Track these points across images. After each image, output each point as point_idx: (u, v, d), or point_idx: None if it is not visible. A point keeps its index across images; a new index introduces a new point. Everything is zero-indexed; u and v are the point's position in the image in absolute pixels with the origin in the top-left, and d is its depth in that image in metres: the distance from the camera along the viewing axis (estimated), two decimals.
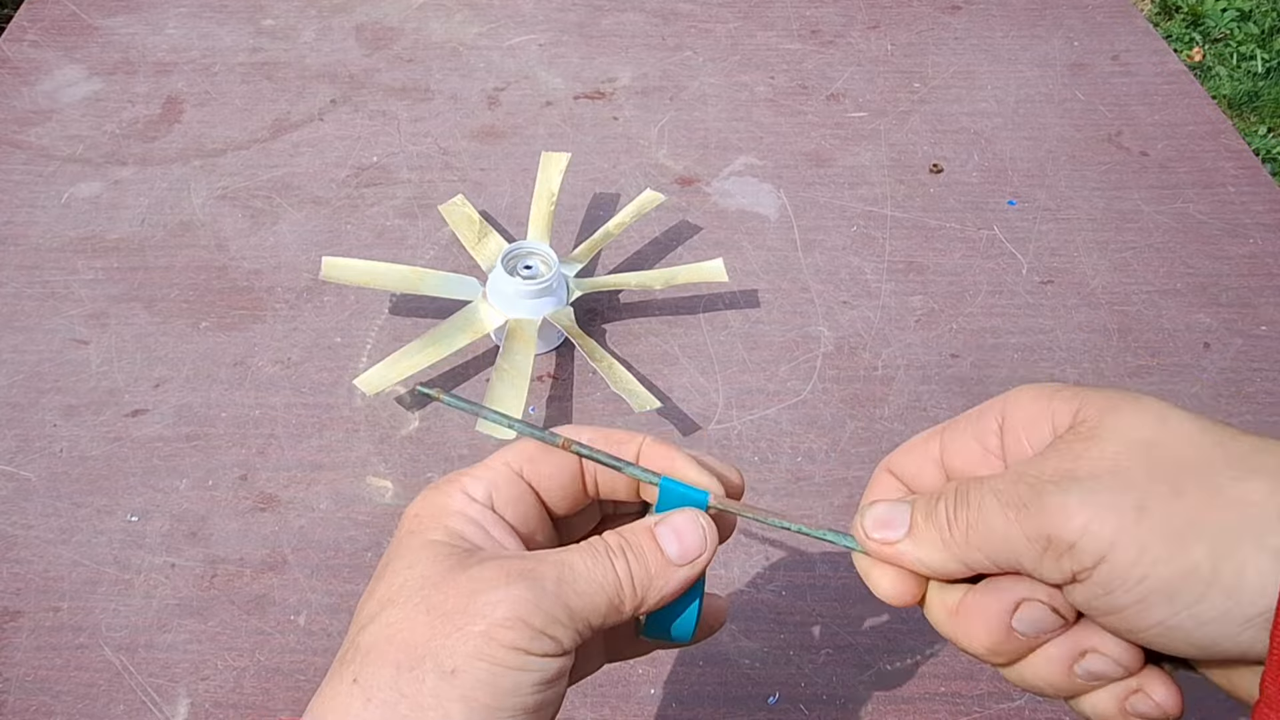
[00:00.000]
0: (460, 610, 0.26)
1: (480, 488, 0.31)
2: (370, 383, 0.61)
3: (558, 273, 0.65)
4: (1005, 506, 0.27)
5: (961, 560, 0.29)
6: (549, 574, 0.28)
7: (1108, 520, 0.25)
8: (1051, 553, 0.26)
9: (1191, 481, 0.25)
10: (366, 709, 0.26)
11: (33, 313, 0.69)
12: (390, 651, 0.26)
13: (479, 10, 0.97)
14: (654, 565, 0.30)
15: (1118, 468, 0.26)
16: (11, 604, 0.55)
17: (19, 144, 0.82)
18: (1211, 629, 0.25)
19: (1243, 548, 0.24)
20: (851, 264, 0.74)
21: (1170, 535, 0.25)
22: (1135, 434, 0.26)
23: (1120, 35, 0.96)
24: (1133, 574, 0.25)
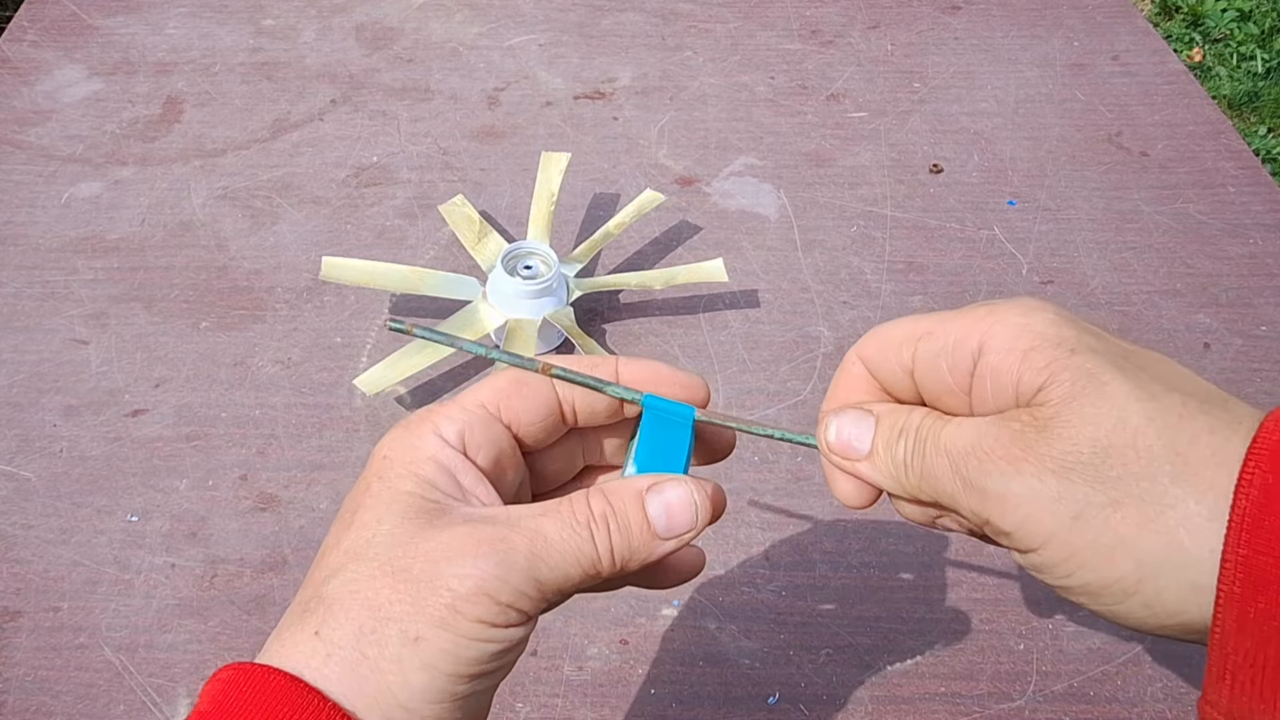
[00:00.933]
0: (427, 578, 0.26)
1: (453, 429, 0.30)
2: (370, 383, 0.61)
3: (558, 273, 0.65)
4: (955, 475, 0.29)
5: (914, 497, 0.31)
6: (520, 546, 0.27)
7: (1044, 521, 0.27)
8: (990, 529, 0.29)
9: (1132, 497, 0.26)
10: (327, 664, 0.26)
11: (33, 313, 0.69)
12: (354, 609, 0.26)
13: (479, 10, 0.97)
14: (639, 538, 0.29)
15: (1063, 469, 0.27)
16: (11, 604, 0.55)
17: (19, 144, 0.82)
18: (1133, 623, 0.27)
19: (1165, 574, 0.26)
20: (851, 264, 0.74)
21: (1100, 548, 0.26)
22: (1089, 434, 0.27)
23: (1120, 35, 0.96)
24: (1059, 570, 0.27)
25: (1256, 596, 0.24)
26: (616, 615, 0.55)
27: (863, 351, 0.33)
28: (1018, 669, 0.53)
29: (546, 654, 0.53)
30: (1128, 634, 0.54)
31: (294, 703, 0.25)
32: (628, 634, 0.54)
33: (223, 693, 0.26)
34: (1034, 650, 0.54)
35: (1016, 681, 0.52)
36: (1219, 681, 0.25)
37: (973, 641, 0.54)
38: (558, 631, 0.54)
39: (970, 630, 0.54)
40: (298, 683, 0.26)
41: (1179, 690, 0.52)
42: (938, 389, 0.31)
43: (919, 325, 0.31)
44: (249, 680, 0.26)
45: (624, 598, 0.55)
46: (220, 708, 0.26)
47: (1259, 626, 0.24)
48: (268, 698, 0.25)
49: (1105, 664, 0.53)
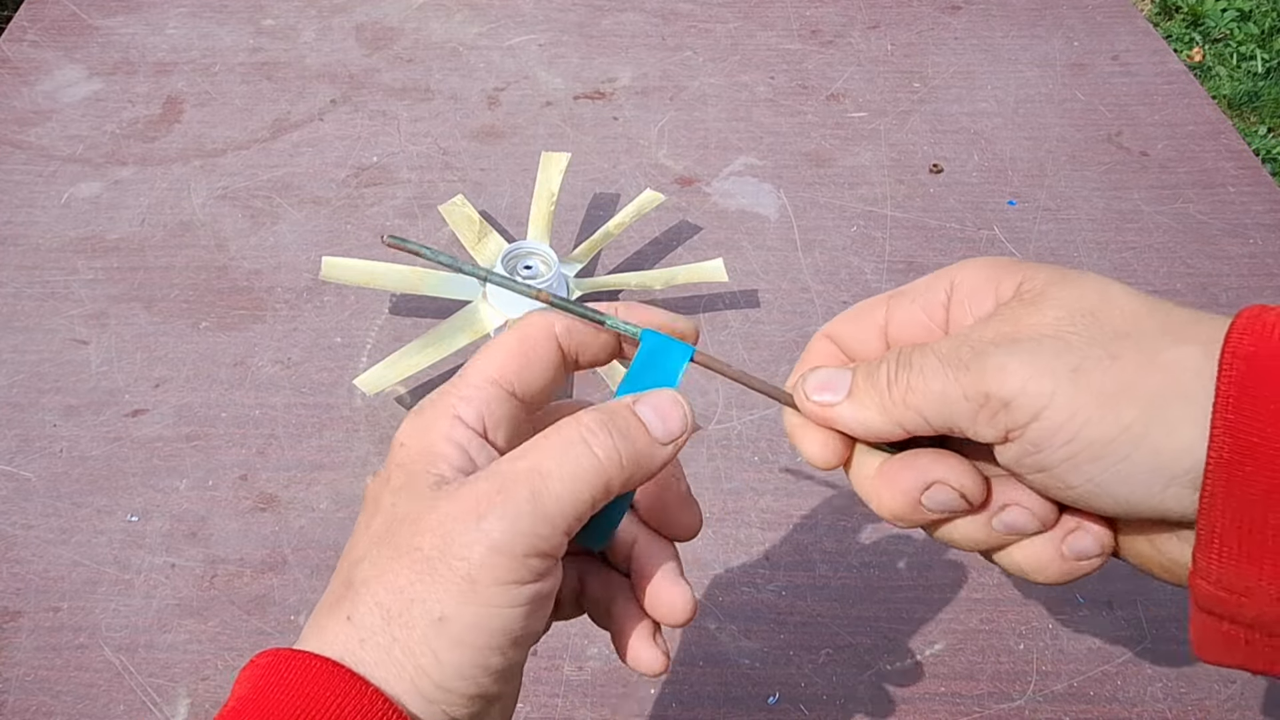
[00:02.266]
0: (440, 554, 0.26)
1: (470, 410, 0.29)
2: (370, 383, 0.61)
3: (558, 273, 0.65)
4: (946, 366, 0.28)
5: (898, 421, 0.29)
6: (519, 491, 0.26)
7: (1044, 380, 0.26)
8: (987, 410, 0.27)
9: (1128, 347, 0.26)
10: (363, 649, 0.26)
11: (33, 313, 0.69)
12: (380, 594, 0.26)
13: (479, 10, 0.97)
14: (640, 440, 0.28)
15: (1058, 333, 0.27)
16: (11, 604, 0.55)
17: (19, 144, 0.82)
18: (1137, 486, 0.26)
19: (1172, 410, 0.25)
20: (851, 264, 0.74)
21: (1104, 397, 0.26)
22: (1077, 303, 0.28)
23: (1120, 35, 0.96)
24: (1064, 432, 0.26)
25: (1243, 462, 0.24)
26: None
27: (829, 329, 0.33)
28: (1018, 669, 0.53)
29: (546, 654, 0.53)
30: (1127, 634, 0.54)
31: (335, 687, 0.25)
32: None
33: (262, 678, 0.26)
34: (1034, 650, 0.54)
35: (1016, 681, 0.52)
36: (1207, 549, 0.25)
37: (973, 641, 0.54)
38: (558, 631, 0.54)
39: (970, 630, 0.54)
40: (338, 667, 0.25)
41: (1179, 690, 0.52)
42: (913, 333, 0.31)
43: (884, 294, 0.32)
44: (289, 666, 0.26)
45: None
46: (261, 694, 0.26)
47: (1245, 490, 0.25)
48: (309, 683, 0.25)
49: (1105, 664, 0.53)
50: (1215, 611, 0.26)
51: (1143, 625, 0.55)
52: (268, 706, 0.25)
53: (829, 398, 0.31)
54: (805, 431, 0.32)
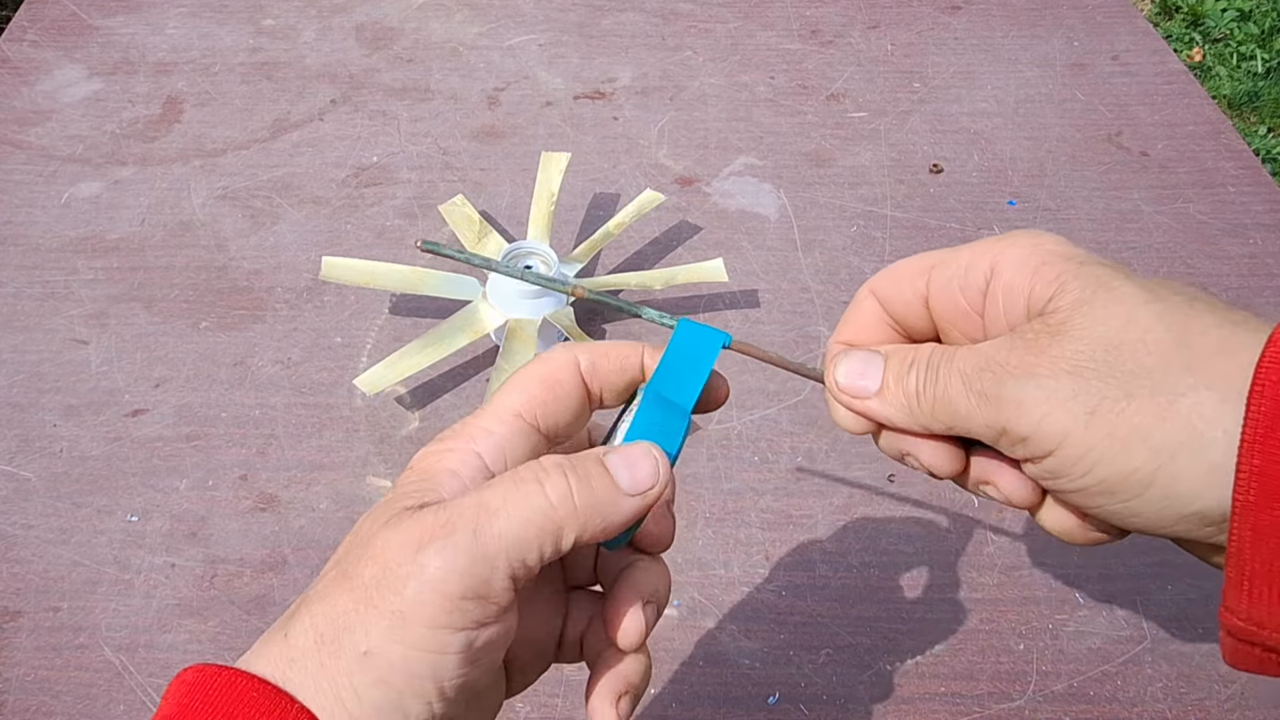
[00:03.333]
0: (376, 584, 0.25)
1: (491, 443, 0.28)
2: (370, 383, 0.61)
3: (558, 273, 0.65)
4: (969, 392, 0.29)
5: (924, 426, 0.31)
6: (463, 524, 0.25)
7: (1059, 419, 0.27)
8: (1006, 439, 0.29)
9: (1145, 390, 0.27)
10: (291, 669, 0.25)
11: (33, 313, 0.69)
12: (318, 617, 0.25)
13: (479, 10, 0.97)
14: (601, 490, 0.27)
15: (1077, 369, 0.27)
16: (11, 604, 0.55)
17: (19, 144, 0.82)
18: (1149, 520, 0.27)
19: (1181, 459, 0.26)
20: (851, 264, 0.74)
21: (1116, 439, 0.27)
22: (1101, 334, 0.28)
23: (1120, 35, 0.96)
24: (1077, 469, 0.27)
25: (1271, 505, 0.25)
26: None
27: (875, 285, 0.34)
28: (1018, 669, 0.53)
29: None
30: (1127, 634, 0.54)
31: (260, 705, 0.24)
32: None
33: (188, 694, 0.25)
34: (1034, 650, 0.54)
35: (1016, 681, 0.52)
36: (1238, 590, 0.26)
37: (973, 641, 0.54)
38: None
39: (970, 630, 0.54)
40: (264, 684, 0.25)
41: (1179, 690, 0.52)
42: (951, 313, 0.32)
43: (931, 257, 0.32)
44: (214, 682, 0.25)
45: None
46: (185, 710, 0.25)
47: (1273, 532, 0.25)
48: (232, 700, 0.24)
49: (1105, 664, 0.53)
50: (1247, 640, 0.27)
51: (1143, 625, 0.55)
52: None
53: (861, 386, 0.32)
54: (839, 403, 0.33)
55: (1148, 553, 0.58)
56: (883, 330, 0.34)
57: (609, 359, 0.31)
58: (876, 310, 0.34)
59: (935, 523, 0.59)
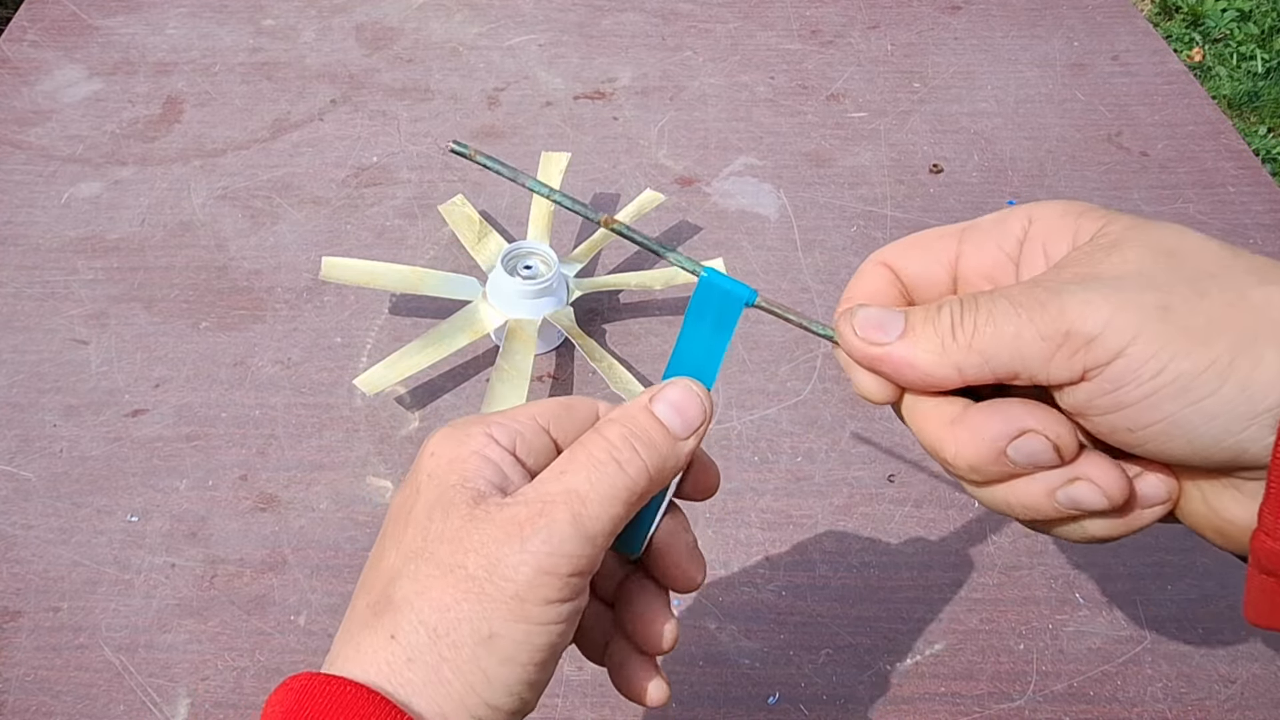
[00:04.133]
0: (487, 574, 0.26)
1: (505, 434, 0.30)
2: (370, 383, 0.61)
3: (558, 273, 0.65)
4: (1019, 308, 0.27)
5: (957, 365, 0.28)
6: (560, 515, 0.27)
7: (1130, 315, 0.26)
8: (1067, 348, 0.26)
9: (1215, 285, 0.26)
10: (410, 668, 0.26)
11: (33, 313, 0.69)
12: (425, 613, 0.26)
13: (479, 10, 0.97)
14: (663, 445, 0.29)
15: (1142, 270, 0.27)
16: (11, 604, 0.55)
17: (19, 144, 0.82)
18: (1217, 424, 0.25)
19: (1261, 344, 0.25)
20: (851, 264, 0.74)
21: (1193, 331, 0.25)
22: (1159, 244, 0.27)
23: (1120, 35, 0.96)
24: (1149, 368, 0.25)
25: None
26: None
27: (887, 255, 0.32)
28: (1018, 669, 0.53)
29: None
30: (1127, 634, 0.54)
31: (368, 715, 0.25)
32: None
33: (296, 704, 0.25)
34: (1034, 650, 0.54)
35: (1016, 681, 0.52)
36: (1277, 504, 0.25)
37: (973, 641, 0.54)
38: None
39: (970, 630, 0.54)
40: (375, 696, 0.25)
41: (1179, 690, 0.52)
42: (986, 267, 0.30)
43: (955, 227, 0.31)
44: (324, 692, 0.25)
45: None
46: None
47: None
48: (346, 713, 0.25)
49: (1105, 664, 0.53)
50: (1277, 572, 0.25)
51: (1143, 625, 0.55)
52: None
53: (878, 335, 0.29)
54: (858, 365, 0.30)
55: (1148, 553, 0.58)
56: (894, 298, 0.32)
57: None
58: (889, 280, 0.32)
59: (935, 523, 0.59)
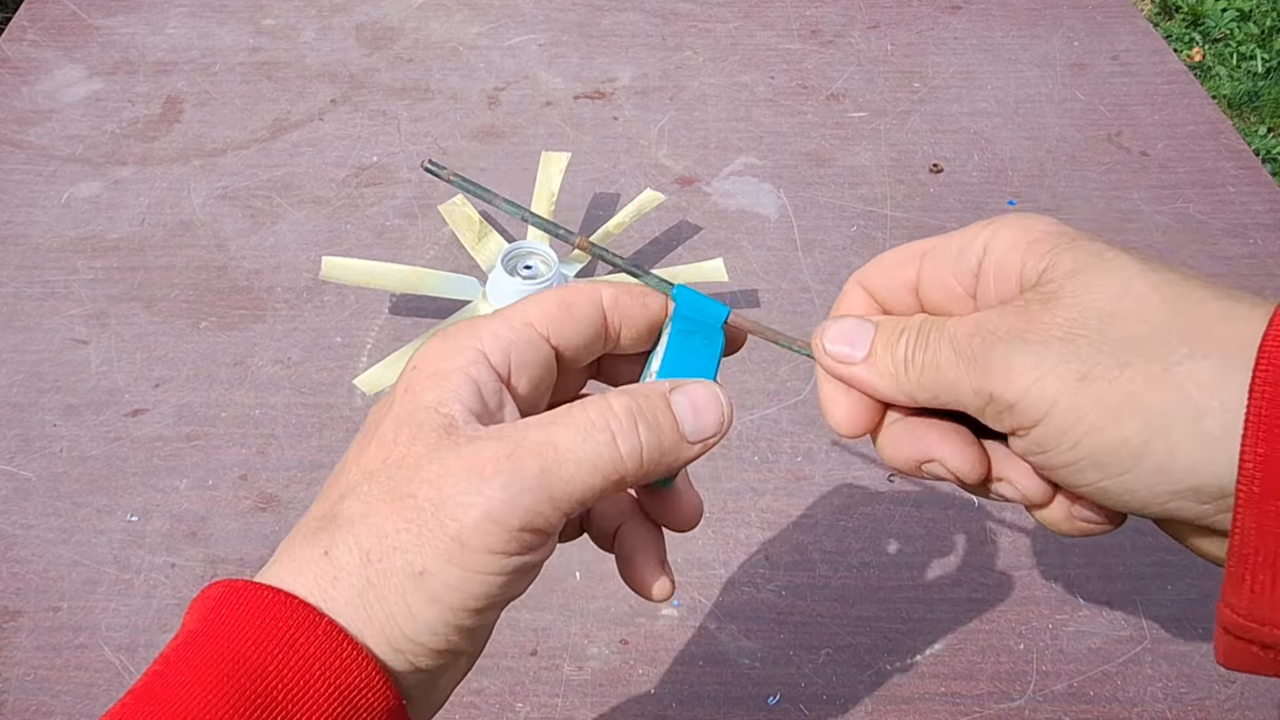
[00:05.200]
0: (434, 506, 0.25)
1: (498, 345, 0.28)
2: (370, 383, 0.61)
3: (558, 273, 0.65)
4: (958, 357, 0.28)
5: (910, 395, 0.29)
6: (529, 464, 0.25)
7: (1049, 385, 0.26)
8: (993, 408, 0.27)
9: (1140, 357, 0.25)
10: (335, 587, 0.25)
11: (33, 313, 0.69)
12: (363, 534, 0.25)
13: (479, 10, 0.97)
14: (668, 439, 0.27)
15: (1069, 335, 0.26)
16: (11, 604, 0.55)
17: (19, 144, 0.82)
18: (1141, 496, 0.26)
19: (1176, 429, 0.25)
20: (851, 264, 0.74)
21: (1107, 408, 0.25)
22: (1094, 303, 0.27)
23: (1120, 35, 0.96)
24: (1067, 438, 0.26)
25: (1277, 496, 0.24)
26: (616, 615, 0.55)
27: (862, 276, 0.33)
28: (1018, 669, 0.53)
29: (546, 654, 0.53)
30: (1127, 634, 0.54)
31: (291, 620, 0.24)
32: (628, 634, 0.54)
33: (213, 610, 0.25)
34: (1034, 650, 0.54)
35: (1016, 681, 0.52)
36: (1239, 584, 0.25)
37: (973, 641, 0.54)
38: (558, 631, 0.54)
39: (970, 630, 0.54)
40: (292, 599, 0.24)
41: (1179, 690, 0.52)
42: (942, 299, 0.31)
43: (920, 245, 0.32)
44: (241, 597, 0.25)
45: (624, 598, 0.55)
46: (210, 627, 0.25)
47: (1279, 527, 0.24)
48: (261, 614, 0.24)
49: (1105, 664, 0.53)
50: (1244, 637, 0.26)
51: (1143, 625, 0.55)
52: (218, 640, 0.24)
53: (847, 352, 0.30)
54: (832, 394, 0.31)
55: (1148, 553, 0.58)
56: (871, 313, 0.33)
57: (631, 295, 0.31)
58: (865, 300, 0.33)
59: (935, 523, 0.59)
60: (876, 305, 0.33)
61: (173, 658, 0.25)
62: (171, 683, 0.24)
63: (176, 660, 0.24)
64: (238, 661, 0.24)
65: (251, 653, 0.24)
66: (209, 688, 0.23)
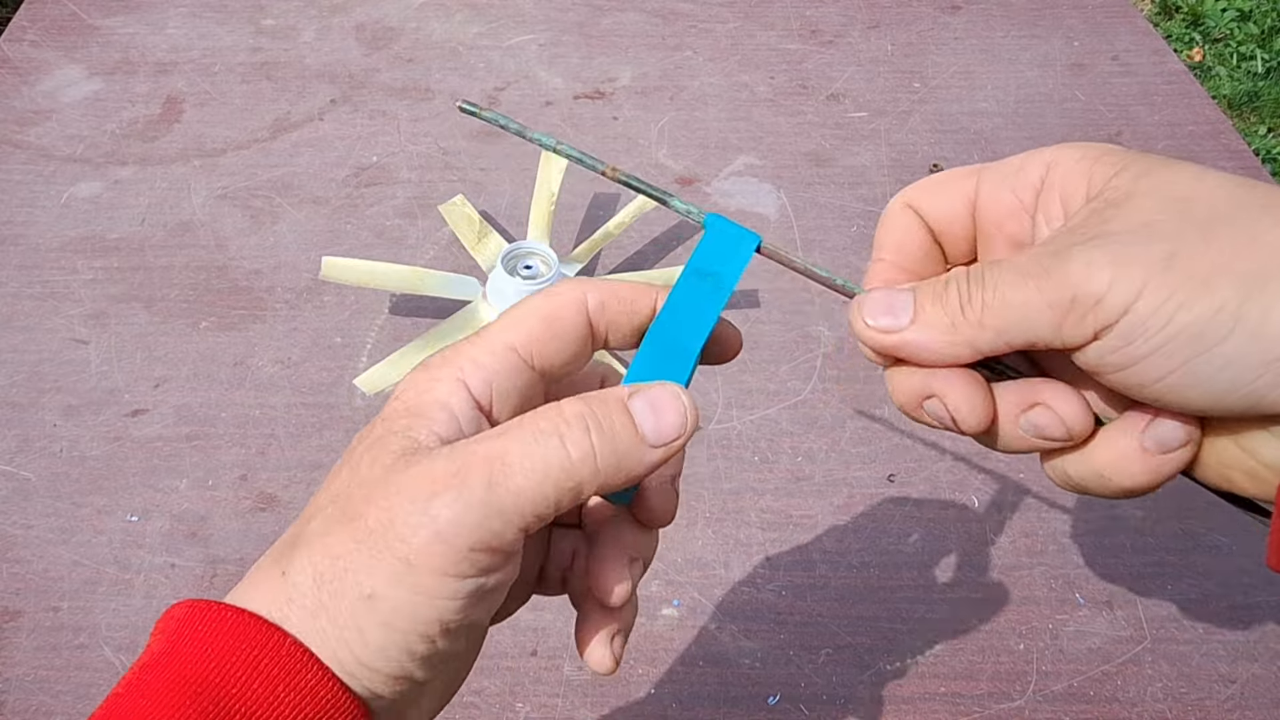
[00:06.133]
0: (383, 529, 0.24)
1: (479, 376, 0.27)
2: (370, 383, 0.61)
3: (558, 273, 0.65)
4: (1026, 277, 0.26)
5: (970, 343, 0.27)
6: (475, 478, 0.24)
7: (1134, 270, 0.25)
8: (1075, 313, 0.26)
9: (1224, 229, 0.25)
10: (289, 608, 0.25)
11: (33, 313, 0.69)
12: (317, 556, 0.25)
13: (479, 10, 0.97)
14: (625, 443, 0.26)
15: (1149, 223, 0.26)
16: (11, 604, 0.55)
17: (19, 144, 0.82)
18: (1230, 373, 0.24)
19: (1271, 288, 0.24)
20: (851, 264, 0.74)
21: (1198, 279, 0.24)
22: (1170, 191, 0.26)
23: (1120, 35, 0.96)
24: (1156, 319, 0.25)
25: None
26: None
27: (910, 196, 0.31)
28: (1018, 669, 0.53)
29: (546, 654, 0.53)
30: (1127, 634, 0.54)
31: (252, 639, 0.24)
32: None
33: (177, 631, 0.25)
34: (1034, 650, 0.54)
35: (1016, 681, 0.53)
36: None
37: (973, 641, 0.54)
38: (557, 631, 0.54)
39: (970, 630, 0.54)
40: (254, 618, 0.24)
41: (1179, 690, 0.52)
42: (1000, 213, 0.30)
43: (973, 167, 0.31)
44: (204, 617, 0.24)
45: None
46: (174, 647, 0.24)
47: None
48: (225, 636, 0.24)
49: (1105, 664, 0.53)
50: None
51: (1143, 625, 0.55)
52: (182, 662, 0.24)
53: (891, 322, 0.28)
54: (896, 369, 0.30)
55: (1148, 553, 0.58)
56: (923, 241, 0.32)
57: (618, 299, 0.29)
58: (914, 221, 0.31)
59: (935, 522, 0.59)
60: (927, 229, 0.31)
61: (135, 680, 0.24)
62: (134, 706, 0.24)
63: (139, 683, 0.24)
64: (201, 684, 0.23)
65: (214, 674, 0.24)
66: (171, 710, 0.23)
